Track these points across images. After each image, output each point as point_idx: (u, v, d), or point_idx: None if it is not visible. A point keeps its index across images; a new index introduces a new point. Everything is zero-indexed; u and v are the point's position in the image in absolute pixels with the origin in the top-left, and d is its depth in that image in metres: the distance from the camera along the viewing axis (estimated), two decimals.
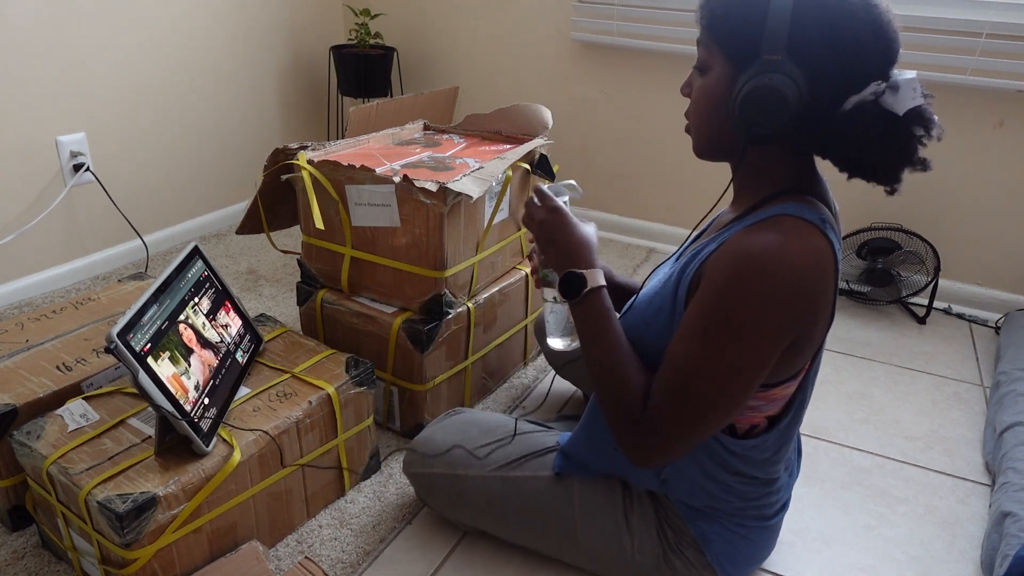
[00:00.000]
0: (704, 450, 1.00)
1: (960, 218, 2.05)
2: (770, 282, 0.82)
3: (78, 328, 1.35)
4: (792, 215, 0.85)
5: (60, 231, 1.97)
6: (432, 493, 1.21)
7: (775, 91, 0.81)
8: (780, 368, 0.90)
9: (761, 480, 1.03)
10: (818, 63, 0.81)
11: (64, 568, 1.16)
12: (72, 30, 1.87)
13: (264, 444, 1.12)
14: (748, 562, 1.09)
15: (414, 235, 1.35)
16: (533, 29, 2.41)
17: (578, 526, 1.10)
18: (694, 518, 1.05)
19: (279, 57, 2.49)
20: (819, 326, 0.88)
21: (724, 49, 0.87)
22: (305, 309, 1.53)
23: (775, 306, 0.82)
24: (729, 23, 0.85)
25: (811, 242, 0.84)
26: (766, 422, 0.99)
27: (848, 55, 0.81)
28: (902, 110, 0.80)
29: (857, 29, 0.81)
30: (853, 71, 0.81)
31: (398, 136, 1.69)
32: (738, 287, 0.83)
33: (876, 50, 0.82)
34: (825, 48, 0.81)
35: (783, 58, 0.81)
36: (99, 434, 1.09)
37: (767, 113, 0.82)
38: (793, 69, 0.81)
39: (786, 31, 0.80)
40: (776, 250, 0.82)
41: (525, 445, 1.18)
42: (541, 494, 1.12)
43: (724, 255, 0.85)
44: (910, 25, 1.90)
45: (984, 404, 1.70)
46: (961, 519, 1.35)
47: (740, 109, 0.84)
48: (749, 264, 0.82)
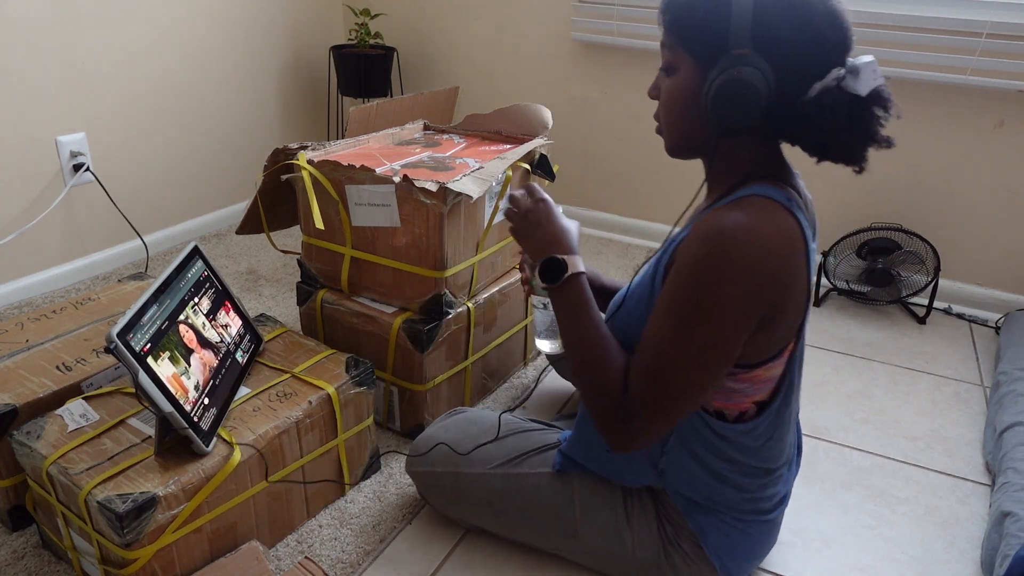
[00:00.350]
0: (696, 437, 1.00)
1: (960, 218, 2.05)
2: (737, 258, 0.84)
3: (78, 328, 1.35)
4: (758, 195, 0.88)
5: (60, 231, 1.97)
6: (433, 491, 1.22)
7: (746, 83, 0.84)
8: (757, 348, 0.92)
9: (757, 470, 1.03)
10: (783, 54, 0.84)
11: (64, 568, 1.16)
12: (72, 30, 1.87)
13: (263, 446, 1.12)
14: (747, 557, 1.09)
15: (414, 235, 1.35)
16: (533, 29, 2.41)
17: (578, 523, 1.11)
18: (691, 511, 1.05)
19: (279, 57, 2.49)
20: (792, 304, 0.90)
21: (690, 49, 0.89)
22: (305, 309, 1.53)
23: (742, 282, 0.84)
24: (694, 23, 0.87)
25: (776, 219, 0.86)
26: (755, 407, 1.00)
27: (810, 44, 0.85)
28: (865, 91, 0.83)
29: (816, 20, 0.84)
30: (816, 59, 0.85)
31: (398, 136, 1.69)
32: (706, 265, 0.85)
33: (834, 38, 0.86)
34: (788, 39, 0.84)
35: (750, 52, 0.84)
36: (99, 434, 1.09)
37: (741, 105, 0.85)
38: (760, 61, 0.84)
39: (750, 26, 0.83)
40: (742, 228, 0.84)
41: (526, 442, 1.19)
42: (542, 491, 1.13)
43: (693, 236, 0.88)
44: (910, 25, 1.90)
45: (984, 404, 1.70)
46: (961, 519, 1.35)
47: (713, 104, 0.86)
48: (716, 242, 0.85)
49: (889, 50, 1.93)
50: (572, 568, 1.19)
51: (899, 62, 1.93)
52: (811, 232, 0.94)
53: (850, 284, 2.09)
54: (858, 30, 2.14)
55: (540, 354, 1.78)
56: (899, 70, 1.93)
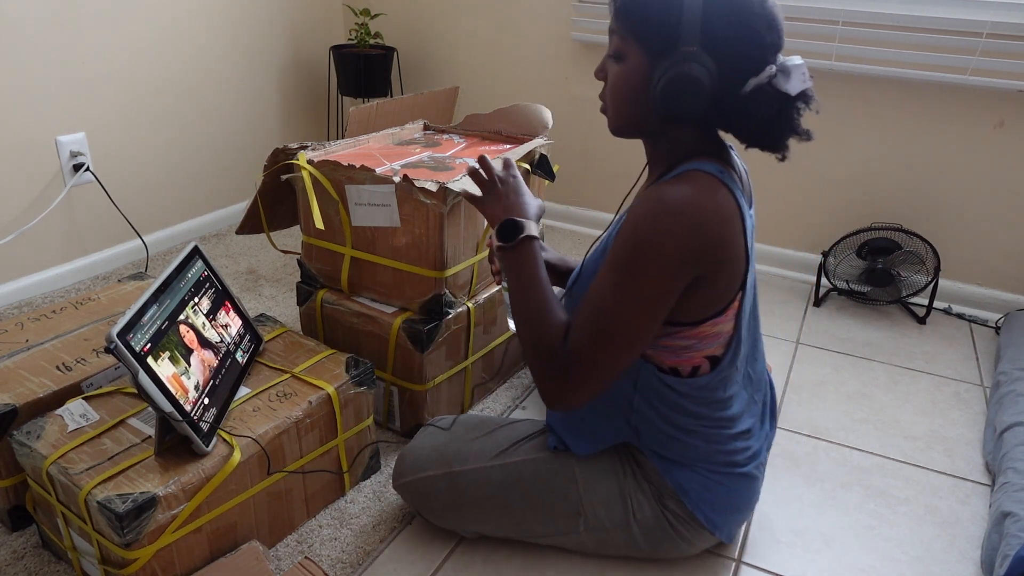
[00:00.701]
0: (657, 396, 1.07)
1: (960, 218, 2.05)
2: (676, 222, 0.92)
3: (78, 328, 1.35)
4: (697, 169, 0.97)
5: (60, 231, 1.97)
6: (428, 499, 1.20)
7: (694, 79, 0.92)
8: (697, 305, 1.00)
9: (721, 420, 1.09)
10: (725, 52, 0.92)
11: (64, 568, 1.16)
12: (72, 30, 1.87)
13: (264, 444, 1.12)
14: (730, 510, 1.14)
15: (414, 235, 1.35)
16: (533, 29, 2.41)
17: (583, 498, 1.13)
18: (670, 469, 1.11)
19: (279, 57, 2.49)
20: (727, 266, 0.98)
21: (640, 40, 0.96)
22: (305, 309, 1.53)
23: (676, 241, 0.92)
24: (648, 18, 0.95)
25: (713, 190, 0.95)
26: (708, 362, 1.06)
27: (749, 44, 0.92)
28: (794, 91, 0.93)
29: (755, 21, 0.92)
30: (753, 58, 0.93)
31: (398, 136, 1.69)
32: (644, 225, 0.93)
33: (770, 40, 0.93)
34: (731, 39, 0.92)
35: (697, 49, 0.91)
36: (99, 434, 1.09)
37: (687, 98, 0.93)
38: (706, 58, 0.92)
39: (699, 25, 0.91)
40: (682, 196, 0.93)
41: (515, 432, 1.21)
42: (542, 474, 1.15)
43: (636, 205, 0.96)
44: (910, 25, 1.90)
45: (984, 404, 1.70)
46: (961, 519, 1.35)
47: (662, 95, 0.94)
48: (658, 207, 0.93)
49: (889, 50, 1.93)
50: (572, 566, 1.19)
51: (899, 62, 1.93)
52: (746, 200, 1.04)
53: (850, 284, 2.09)
54: (858, 30, 2.15)
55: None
56: (899, 70, 1.93)
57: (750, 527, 1.31)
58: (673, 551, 1.16)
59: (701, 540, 1.15)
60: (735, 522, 1.17)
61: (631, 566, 1.20)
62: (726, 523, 1.15)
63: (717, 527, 1.14)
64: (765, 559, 1.24)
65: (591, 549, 1.19)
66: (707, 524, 1.12)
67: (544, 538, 1.18)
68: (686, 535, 1.13)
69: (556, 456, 1.16)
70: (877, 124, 2.06)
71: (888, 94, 2.01)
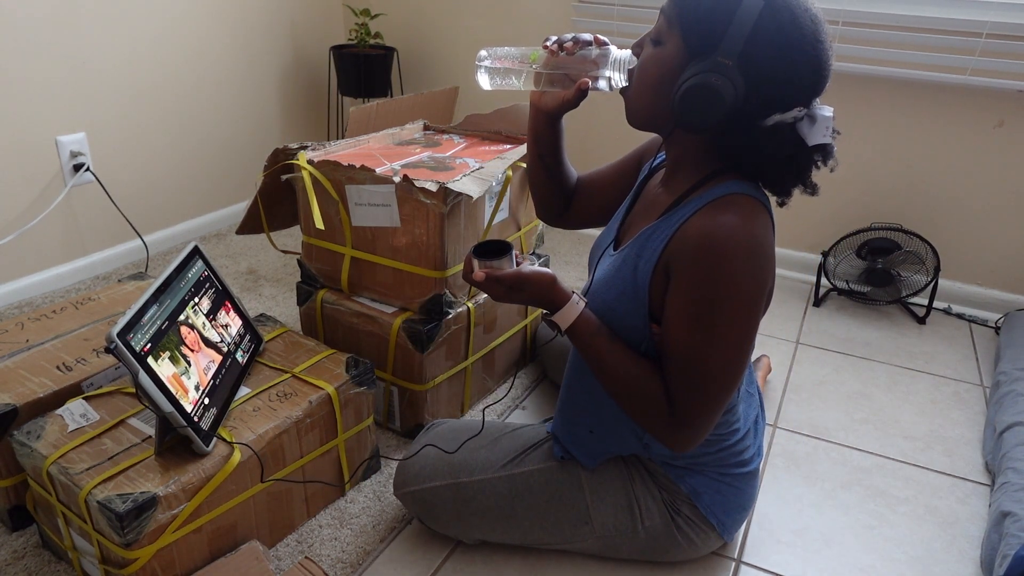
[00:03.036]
0: None
1: (960, 218, 2.05)
2: (742, 260, 0.89)
3: (78, 328, 1.35)
4: (740, 194, 0.93)
5: (60, 231, 1.97)
6: (434, 508, 1.18)
7: (717, 92, 0.87)
8: None
9: (729, 423, 1.09)
10: (759, 78, 0.88)
11: (64, 568, 1.16)
12: (72, 30, 1.87)
13: (261, 448, 1.12)
14: (738, 510, 1.15)
15: (414, 235, 1.35)
16: (533, 29, 2.41)
17: (590, 507, 1.13)
18: (682, 476, 1.11)
19: (279, 57, 2.49)
20: (771, 291, 0.99)
21: (684, 35, 0.91)
22: (305, 309, 1.53)
23: (749, 279, 0.90)
24: (698, 15, 0.90)
25: (761, 217, 0.93)
26: None
27: (786, 79, 0.89)
28: (812, 142, 0.89)
29: (800, 58, 0.88)
30: (784, 94, 0.89)
31: (398, 136, 1.69)
32: (715, 271, 0.89)
33: (810, 82, 0.90)
34: (770, 67, 0.88)
35: (733, 64, 0.87)
36: (99, 434, 1.09)
37: (703, 109, 0.89)
38: (738, 76, 0.87)
39: (743, 41, 0.87)
40: (739, 230, 0.89)
41: (518, 441, 1.20)
42: (550, 484, 1.14)
43: (690, 243, 0.91)
44: (910, 25, 1.90)
45: (984, 404, 1.70)
46: (961, 519, 1.35)
47: (681, 97, 0.90)
48: (720, 248, 0.89)
49: (889, 50, 1.93)
50: (573, 565, 1.19)
51: (899, 62, 1.93)
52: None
53: (850, 284, 2.09)
54: (858, 30, 2.15)
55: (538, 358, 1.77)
56: (899, 70, 1.93)
57: (750, 527, 1.31)
58: (679, 556, 1.17)
59: (707, 544, 1.16)
60: (740, 521, 1.18)
61: (631, 567, 1.20)
62: (733, 523, 1.16)
63: (726, 528, 1.14)
64: (765, 559, 1.24)
65: (597, 553, 1.19)
66: (718, 526, 1.13)
67: (549, 545, 1.18)
68: (694, 540, 1.13)
69: (563, 465, 1.15)
70: (877, 124, 2.06)
71: (888, 94, 2.01)
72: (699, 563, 1.22)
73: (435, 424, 1.29)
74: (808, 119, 0.89)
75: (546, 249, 2.36)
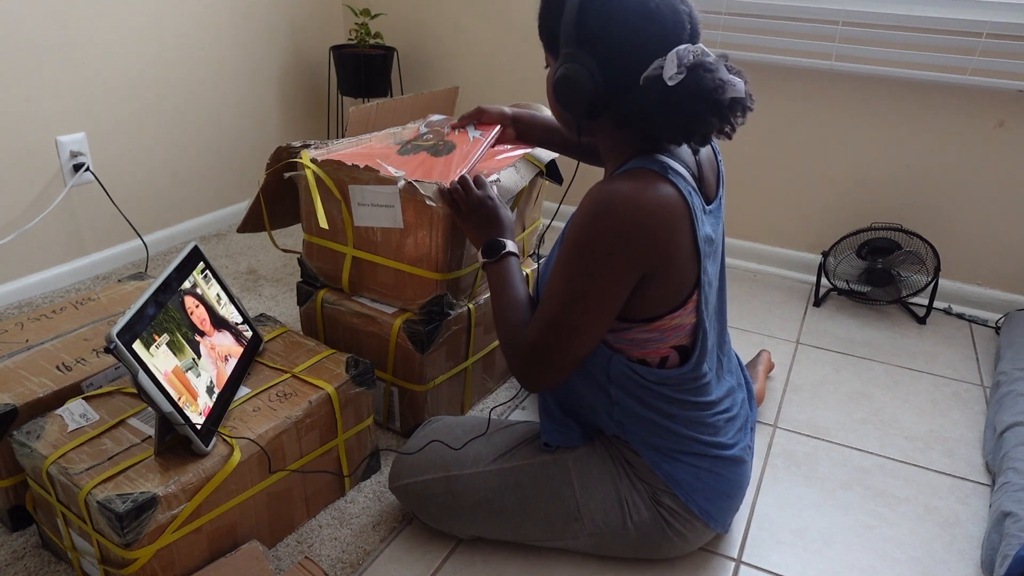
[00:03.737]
0: (634, 384, 1.08)
1: (960, 218, 2.05)
2: (617, 219, 0.94)
3: (78, 328, 1.35)
4: (640, 167, 0.98)
5: (60, 231, 1.97)
6: (425, 502, 1.19)
7: (570, 79, 0.95)
8: (651, 302, 1.01)
9: (700, 403, 1.11)
10: (603, 50, 0.94)
11: (64, 568, 1.16)
12: (72, 30, 1.87)
13: (262, 447, 1.12)
14: (723, 498, 1.15)
15: (417, 236, 1.35)
16: (533, 29, 2.40)
17: (580, 502, 1.13)
18: (659, 462, 1.11)
19: (279, 57, 2.49)
20: (676, 264, 0.99)
21: (545, 46, 1.03)
22: (305, 309, 1.53)
23: (621, 241, 0.94)
24: (542, 24, 1.01)
25: (655, 188, 0.95)
26: (675, 352, 1.07)
27: (629, 40, 0.93)
28: (668, 80, 0.90)
29: (630, 17, 0.93)
30: (636, 54, 0.93)
31: (399, 136, 1.69)
32: (589, 225, 0.96)
33: (652, 33, 0.93)
34: (608, 37, 0.93)
35: (574, 50, 0.95)
36: (99, 434, 1.09)
37: (570, 97, 0.97)
38: (585, 57, 0.94)
39: (574, 27, 0.94)
40: (625, 195, 0.94)
41: (512, 436, 1.21)
42: (540, 479, 1.15)
43: (583, 201, 0.99)
44: (910, 25, 1.90)
45: (984, 404, 1.70)
46: (961, 519, 1.35)
47: (554, 96, 1.00)
48: (600, 205, 0.95)
49: (889, 50, 1.93)
50: (573, 564, 1.19)
51: (899, 62, 1.93)
52: (705, 192, 1.04)
53: (850, 284, 2.09)
54: (858, 30, 2.15)
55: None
56: (899, 70, 1.93)
57: (750, 527, 1.31)
58: (671, 551, 1.16)
59: (697, 536, 1.15)
60: (728, 509, 1.17)
61: (631, 567, 1.20)
62: (720, 511, 1.15)
63: (712, 517, 1.14)
64: (765, 559, 1.24)
65: (590, 551, 1.19)
66: (701, 515, 1.13)
67: (541, 542, 1.18)
68: (682, 531, 1.13)
69: (552, 460, 1.15)
70: (877, 124, 2.06)
71: (888, 94, 2.01)
72: (699, 563, 1.22)
73: (433, 420, 1.29)
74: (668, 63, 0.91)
75: (546, 249, 2.36)
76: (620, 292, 0.98)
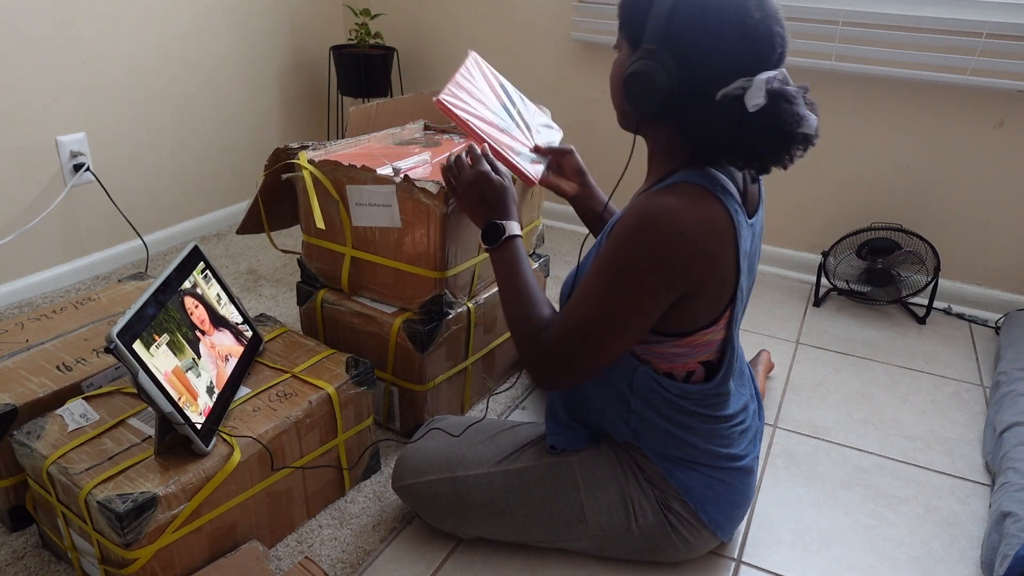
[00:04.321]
0: (656, 397, 1.07)
1: (960, 218, 2.05)
2: (659, 238, 0.92)
3: (78, 328, 1.35)
4: (688, 182, 0.95)
5: (60, 231, 1.97)
6: (430, 502, 1.19)
7: (646, 76, 0.92)
8: (686, 319, 1.00)
9: (719, 418, 1.10)
10: (688, 55, 0.90)
11: (64, 568, 1.16)
12: (72, 30, 1.87)
13: (264, 444, 1.12)
14: (731, 507, 1.15)
15: (415, 235, 1.35)
16: (533, 29, 2.41)
17: (585, 505, 1.13)
18: (672, 470, 1.11)
19: (279, 57, 2.49)
20: (715, 283, 0.97)
21: (624, 32, 0.98)
22: (305, 309, 1.53)
23: (661, 260, 0.92)
24: (628, 9, 0.97)
25: (701, 204, 0.93)
26: (701, 367, 1.07)
27: (715, 52, 0.90)
28: (749, 107, 0.88)
29: (726, 29, 0.89)
30: (720, 67, 0.90)
31: (398, 136, 1.69)
32: (632, 240, 0.93)
33: (742, 50, 0.90)
34: (695, 43, 0.90)
35: (656, 47, 0.91)
36: (99, 434, 1.09)
37: (640, 94, 0.93)
38: (667, 58, 0.90)
39: (663, 24, 0.90)
40: (670, 211, 0.92)
41: (517, 437, 1.21)
42: (545, 480, 1.14)
43: (626, 214, 0.97)
44: (910, 25, 1.90)
45: (984, 404, 1.70)
46: (961, 519, 1.35)
47: (623, 89, 0.95)
48: (643, 221, 0.93)
49: (889, 50, 1.93)
50: (573, 565, 1.19)
51: (899, 62, 1.93)
52: (749, 208, 1.02)
53: (850, 284, 2.09)
54: (858, 30, 2.15)
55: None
56: (899, 70, 1.93)
57: (750, 527, 1.31)
58: (674, 555, 1.16)
59: (701, 543, 1.15)
60: (736, 519, 1.17)
61: (631, 567, 1.20)
62: (727, 521, 1.15)
63: (720, 526, 1.14)
64: (765, 559, 1.24)
65: (592, 552, 1.19)
66: (710, 524, 1.13)
67: (544, 543, 1.18)
68: (688, 538, 1.13)
69: (558, 462, 1.15)
70: (877, 124, 2.06)
71: (888, 94, 2.01)
72: (699, 563, 1.22)
73: (435, 420, 1.29)
74: (754, 88, 0.87)
75: (546, 249, 2.36)
76: (654, 310, 0.96)
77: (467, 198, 1.17)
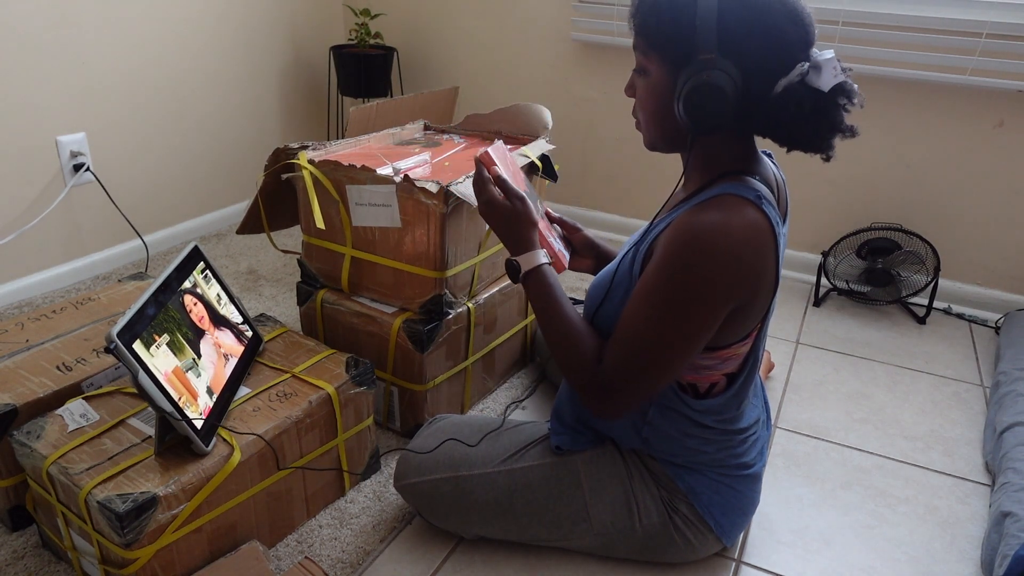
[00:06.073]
0: (674, 409, 1.08)
1: (960, 218, 2.05)
2: (713, 258, 0.91)
3: (78, 328, 1.35)
4: (730, 194, 0.94)
5: (60, 231, 1.97)
6: (433, 501, 1.19)
7: (715, 87, 0.89)
8: (728, 332, 0.99)
9: (734, 430, 1.11)
10: (747, 55, 0.89)
11: (64, 568, 1.16)
12: (72, 30, 1.87)
13: (264, 444, 1.12)
14: (737, 512, 1.15)
15: (415, 235, 1.35)
16: (533, 29, 2.41)
17: (588, 504, 1.13)
18: (681, 474, 1.11)
19: (279, 57, 2.49)
20: (761, 294, 0.97)
21: (660, 53, 0.94)
22: (305, 309, 1.53)
23: (716, 280, 0.91)
24: (662, 30, 0.93)
25: (748, 218, 0.92)
26: (724, 379, 1.07)
27: (772, 44, 0.89)
28: (827, 87, 0.88)
29: (776, 19, 0.88)
30: (778, 57, 0.89)
31: (398, 136, 1.69)
32: (684, 261, 0.92)
33: (796, 36, 0.89)
34: (751, 41, 0.88)
35: (715, 56, 0.89)
36: (99, 434, 1.09)
37: (711, 108, 0.90)
38: (727, 64, 0.89)
39: (715, 30, 0.88)
40: (718, 227, 0.90)
41: (520, 436, 1.21)
42: (548, 480, 1.14)
43: (672, 232, 0.94)
44: (910, 25, 1.90)
45: (984, 404, 1.70)
46: (961, 519, 1.35)
47: (685, 107, 0.91)
48: (694, 241, 0.91)
49: (889, 50, 1.93)
50: (573, 564, 1.19)
51: (899, 62, 1.93)
52: (780, 219, 1.00)
53: (850, 284, 2.09)
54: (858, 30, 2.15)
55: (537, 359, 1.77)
56: (899, 70, 1.93)
57: (750, 527, 1.31)
58: (676, 556, 1.16)
59: (705, 546, 1.15)
60: (741, 524, 1.17)
61: (631, 567, 1.20)
62: (732, 526, 1.15)
63: (724, 531, 1.14)
64: (765, 559, 1.24)
65: (594, 551, 1.19)
66: (715, 528, 1.13)
67: (547, 542, 1.18)
68: (692, 540, 1.14)
69: (562, 461, 1.15)
70: (877, 124, 2.06)
71: (888, 94, 2.01)
72: (699, 563, 1.22)
73: (439, 419, 1.29)
74: (814, 70, 0.88)
75: None
76: (711, 329, 0.95)
77: (500, 230, 1.09)
